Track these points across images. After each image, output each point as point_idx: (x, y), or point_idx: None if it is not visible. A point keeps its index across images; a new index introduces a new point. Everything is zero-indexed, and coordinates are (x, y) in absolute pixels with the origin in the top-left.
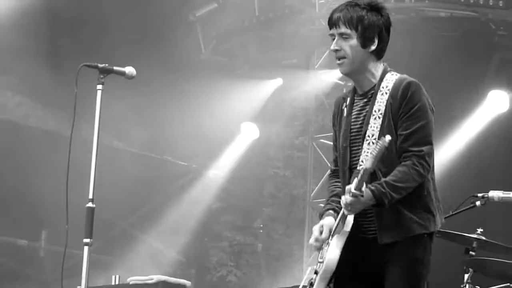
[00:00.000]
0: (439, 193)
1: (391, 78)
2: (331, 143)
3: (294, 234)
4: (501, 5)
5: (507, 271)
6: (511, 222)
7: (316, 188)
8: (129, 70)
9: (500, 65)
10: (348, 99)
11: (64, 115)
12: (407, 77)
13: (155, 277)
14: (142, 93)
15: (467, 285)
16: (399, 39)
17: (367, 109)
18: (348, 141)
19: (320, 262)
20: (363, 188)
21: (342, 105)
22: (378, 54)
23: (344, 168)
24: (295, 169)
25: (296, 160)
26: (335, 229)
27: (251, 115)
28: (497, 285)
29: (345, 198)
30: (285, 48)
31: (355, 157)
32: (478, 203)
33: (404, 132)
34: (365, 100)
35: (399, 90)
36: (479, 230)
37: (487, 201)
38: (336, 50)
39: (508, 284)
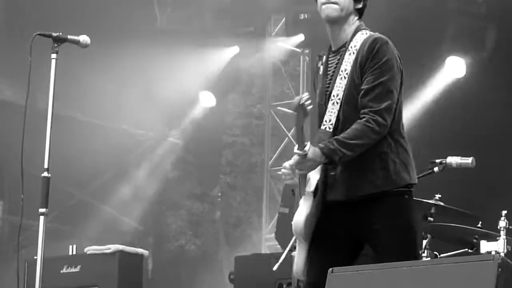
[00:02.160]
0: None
1: (361, 38)
2: (287, 110)
3: (252, 202)
4: None
5: (465, 236)
6: (469, 187)
7: (274, 155)
8: (83, 38)
9: (456, 31)
10: (324, 57)
11: (20, 84)
12: (375, 34)
13: (113, 247)
14: (97, 62)
15: (426, 251)
16: None
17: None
18: (324, 99)
19: None
20: (307, 148)
21: (318, 63)
22: (360, 13)
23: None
24: (253, 137)
25: (254, 128)
26: (300, 192)
27: (208, 83)
28: (455, 250)
29: (293, 158)
30: (242, 16)
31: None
32: (436, 169)
33: (365, 87)
34: (338, 57)
35: (365, 47)
36: (437, 196)
37: (445, 167)
38: None
39: (466, 249)
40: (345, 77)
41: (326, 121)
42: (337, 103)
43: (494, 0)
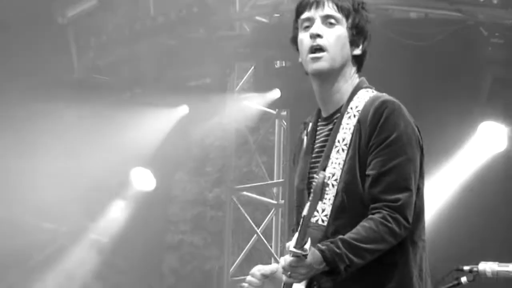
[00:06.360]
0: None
1: (364, 96)
2: (257, 196)
3: None
4: (495, 2)
5: None
6: None
7: (238, 260)
8: None
9: (494, 86)
10: (310, 124)
11: None
12: (383, 95)
13: None
14: None
15: None
16: None
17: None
18: (306, 183)
19: None
20: (307, 246)
21: (302, 134)
22: (358, 64)
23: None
24: (208, 235)
25: (209, 222)
26: None
27: (144, 157)
28: None
29: (284, 259)
30: (193, 62)
31: None
32: (464, 278)
33: (372, 173)
34: (330, 126)
35: (369, 113)
36: None
37: (476, 276)
38: (317, 35)
39: None
40: (343, 150)
41: (318, 210)
42: (333, 185)
43: None
